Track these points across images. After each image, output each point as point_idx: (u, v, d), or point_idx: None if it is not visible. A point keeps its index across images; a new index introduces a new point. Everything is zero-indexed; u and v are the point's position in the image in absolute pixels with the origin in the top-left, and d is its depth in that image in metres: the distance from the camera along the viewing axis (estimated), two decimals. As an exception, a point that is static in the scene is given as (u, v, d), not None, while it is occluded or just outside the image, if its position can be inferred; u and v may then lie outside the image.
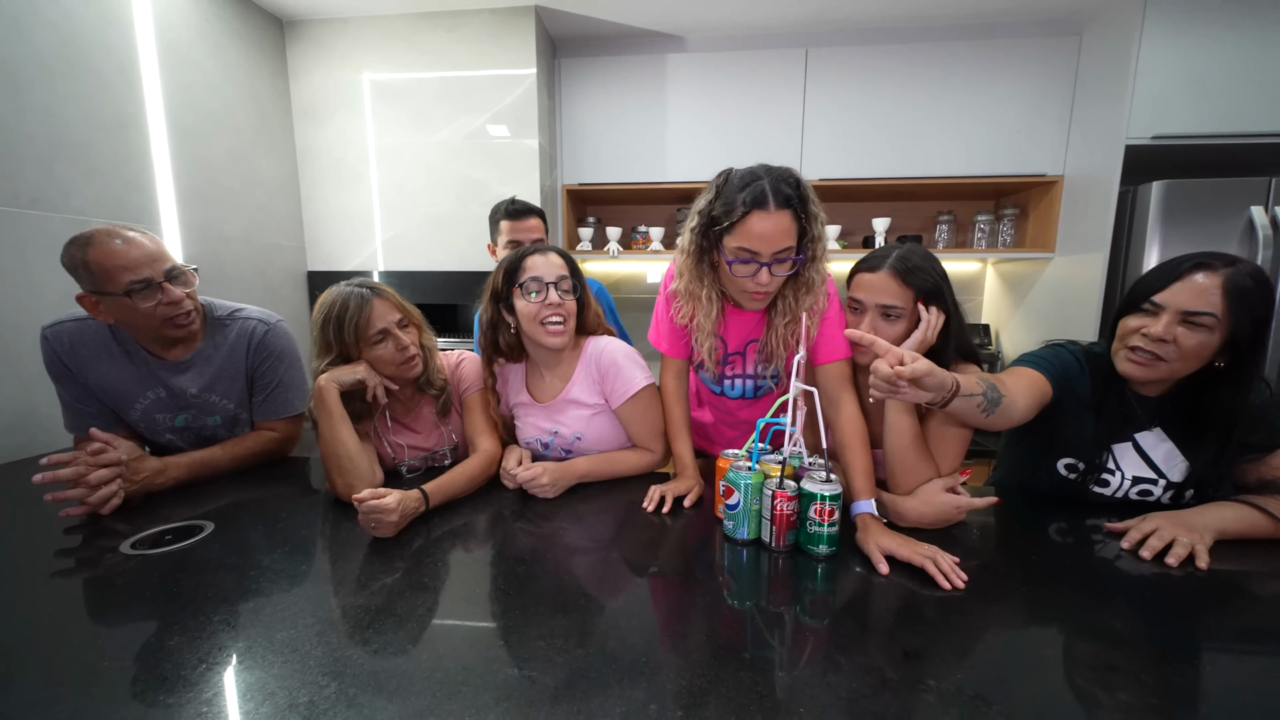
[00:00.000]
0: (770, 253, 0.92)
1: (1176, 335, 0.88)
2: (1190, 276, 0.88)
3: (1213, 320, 0.86)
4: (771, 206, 0.90)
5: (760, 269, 0.94)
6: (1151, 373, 0.92)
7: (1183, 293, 0.88)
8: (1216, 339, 0.87)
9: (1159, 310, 0.90)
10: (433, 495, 0.98)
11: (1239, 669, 0.62)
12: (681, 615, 0.71)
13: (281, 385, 1.26)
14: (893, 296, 0.98)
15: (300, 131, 2.19)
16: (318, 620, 0.67)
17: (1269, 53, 1.88)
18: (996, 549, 0.91)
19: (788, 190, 0.91)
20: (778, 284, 0.98)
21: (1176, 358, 0.89)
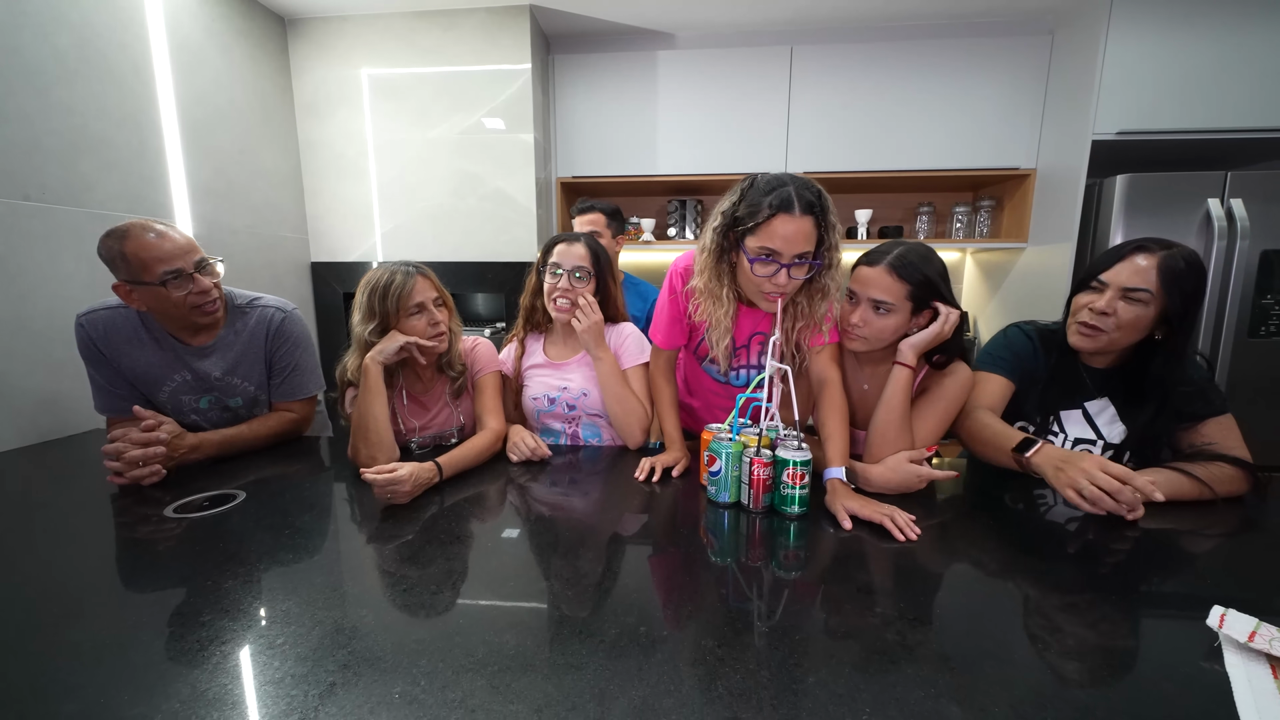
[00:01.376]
0: (791, 254, 0.97)
1: (1117, 309, 1.01)
2: (1131, 258, 1.02)
3: (1148, 295, 0.99)
4: (797, 211, 0.95)
5: (780, 270, 0.98)
6: (1094, 343, 1.05)
7: (1123, 272, 1.01)
8: (1152, 312, 1.00)
9: (1104, 287, 1.03)
10: (446, 467, 1.08)
11: (1144, 611, 0.74)
12: (670, 571, 0.81)
13: (298, 369, 1.35)
14: (884, 291, 1.04)
15: (303, 126, 2.26)
16: (349, 568, 0.77)
17: (1226, 54, 1.99)
18: (954, 511, 1.01)
19: (811, 197, 0.97)
20: (794, 286, 1.03)
21: (1115, 328, 1.03)
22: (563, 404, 1.36)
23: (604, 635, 0.62)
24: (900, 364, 1.06)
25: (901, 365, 1.06)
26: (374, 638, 0.62)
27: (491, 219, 2.27)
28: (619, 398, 1.27)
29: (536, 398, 1.37)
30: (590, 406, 1.35)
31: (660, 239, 2.64)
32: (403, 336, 1.19)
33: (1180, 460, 1.05)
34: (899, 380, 1.06)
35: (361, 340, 1.20)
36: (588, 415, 1.37)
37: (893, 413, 1.05)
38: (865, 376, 1.19)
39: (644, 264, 2.83)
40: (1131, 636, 0.64)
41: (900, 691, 0.54)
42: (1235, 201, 1.94)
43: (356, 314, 1.21)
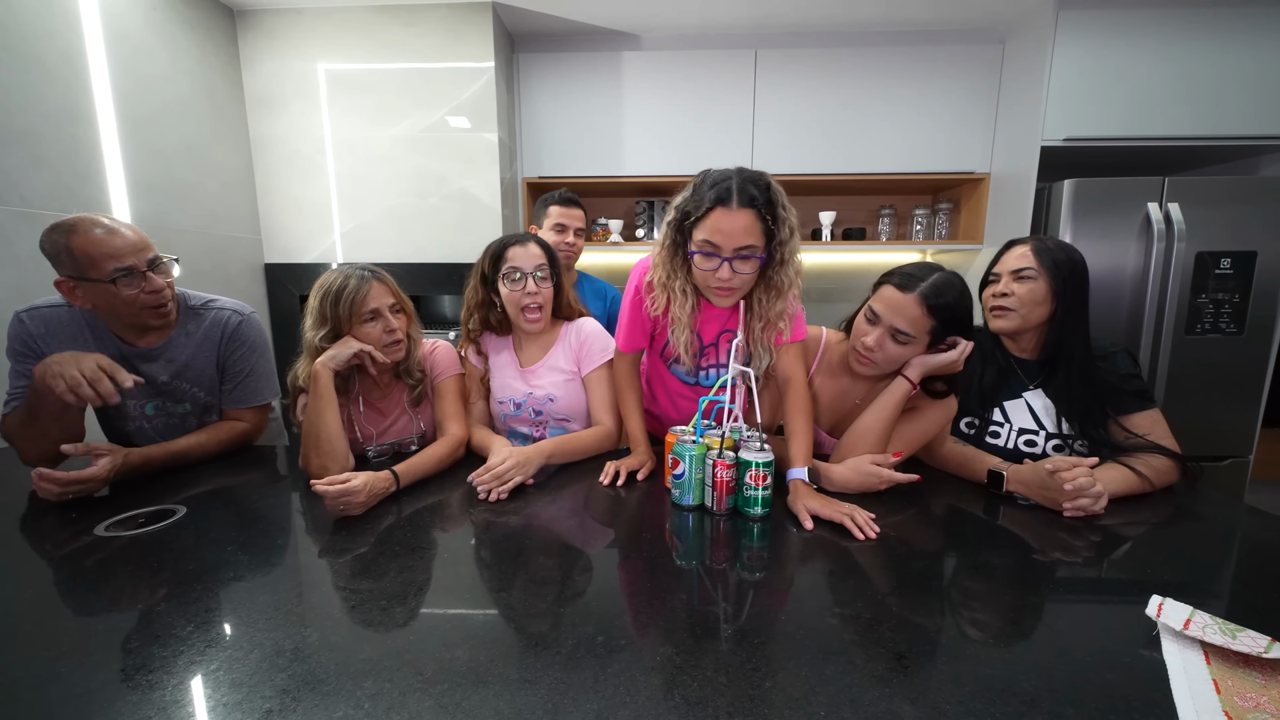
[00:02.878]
0: (731, 248, 0.95)
1: (1013, 289, 1.14)
2: (1010, 249, 1.19)
3: (1034, 271, 1.13)
4: (734, 204, 0.93)
5: (722, 264, 0.97)
6: (1008, 321, 1.16)
7: (1009, 260, 1.18)
8: (1043, 286, 1.12)
9: (998, 278, 1.19)
10: (403, 475, 1.05)
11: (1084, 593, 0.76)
12: (632, 577, 0.80)
13: (252, 375, 1.29)
14: (909, 323, 1.01)
15: (254, 122, 2.17)
16: (295, 584, 0.74)
17: (1164, 65, 2.09)
18: (913, 509, 1.03)
19: (754, 191, 0.94)
20: (742, 281, 1.00)
21: (1019, 305, 1.14)
22: (529, 409, 1.33)
23: (561, 646, 0.61)
24: (905, 377, 1.07)
25: (906, 379, 1.07)
26: (317, 659, 0.59)
27: (455, 219, 2.22)
28: (578, 452, 1.24)
29: (502, 402, 1.35)
30: (557, 411, 1.33)
31: (628, 240, 2.63)
32: (356, 343, 1.15)
33: (1120, 451, 1.10)
34: (897, 392, 1.07)
35: (313, 347, 1.15)
36: (555, 420, 1.35)
37: (879, 421, 1.07)
38: (860, 392, 1.20)
39: (611, 265, 2.82)
40: (1076, 628, 0.66)
41: (855, 693, 0.54)
42: (1172, 205, 2.04)
43: (308, 319, 1.17)
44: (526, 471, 1.09)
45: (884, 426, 1.07)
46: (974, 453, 1.14)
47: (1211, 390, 2.16)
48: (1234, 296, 2.09)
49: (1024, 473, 1.02)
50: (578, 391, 1.33)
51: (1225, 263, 2.07)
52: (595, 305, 1.80)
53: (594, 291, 1.84)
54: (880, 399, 1.08)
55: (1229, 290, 2.09)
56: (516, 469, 1.07)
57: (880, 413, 1.07)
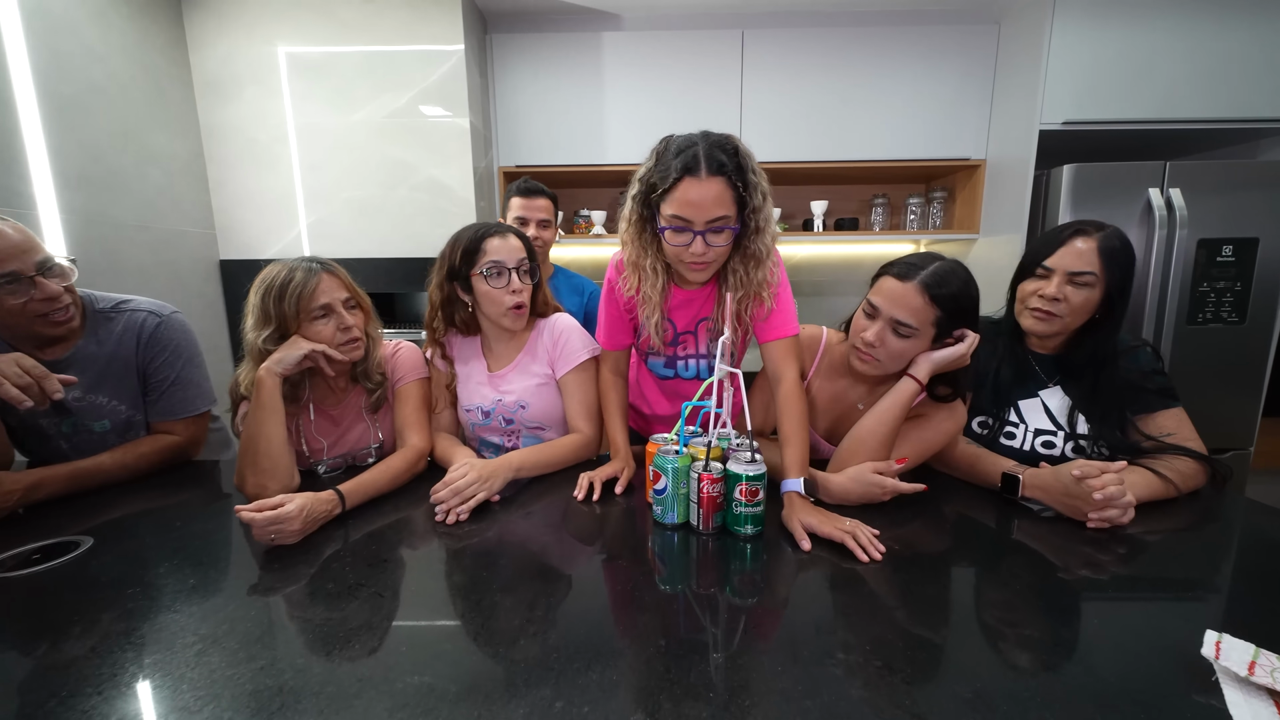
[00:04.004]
0: (703, 221, 0.90)
1: (1066, 294, 1.00)
2: (1071, 242, 1.01)
3: (1092, 278, 0.99)
4: (703, 173, 0.87)
5: (694, 238, 0.91)
6: (1049, 326, 1.04)
7: (1066, 256, 1.01)
8: (1097, 294, 1.01)
9: (1050, 273, 1.02)
10: (350, 495, 0.93)
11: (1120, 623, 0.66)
12: (611, 605, 0.70)
13: (179, 382, 1.16)
14: (910, 314, 0.93)
15: (205, 108, 2.01)
16: (199, 639, 0.62)
17: (1167, 45, 2.01)
18: (920, 522, 0.93)
19: (722, 157, 0.88)
20: (716, 255, 0.95)
21: (1068, 313, 1.02)
22: (499, 417, 1.21)
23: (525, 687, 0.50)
24: (912, 377, 0.97)
25: (912, 379, 0.96)
26: None
27: (426, 211, 2.09)
28: (552, 463, 1.12)
29: (469, 409, 1.23)
30: (530, 419, 1.21)
31: (611, 233, 2.51)
32: (307, 343, 1.03)
33: (1141, 454, 1.02)
34: (902, 394, 0.97)
35: (255, 349, 1.03)
36: (528, 429, 1.23)
37: (882, 425, 0.97)
38: (861, 394, 1.10)
39: (594, 259, 2.70)
40: (1116, 668, 0.56)
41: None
42: (1174, 191, 1.97)
43: (249, 318, 1.04)
44: (491, 487, 0.98)
45: (888, 431, 0.97)
46: (984, 454, 1.04)
47: (1213, 381, 2.09)
48: (1235, 285, 2.02)
49: (1043, 478, 0.93)
50: (552, 396, 1.22)
51: (1227, 250, 2.00)
52: (571, 301, 1.68)
53: (570, 287, 1.72)
54: (884, 401, 0.97)
55: (1231, 278, 2.02)
56: (479, 484, 0.96)
57: (884, 416, 0.97)
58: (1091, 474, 0.86)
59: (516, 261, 1.12)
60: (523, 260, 1.13)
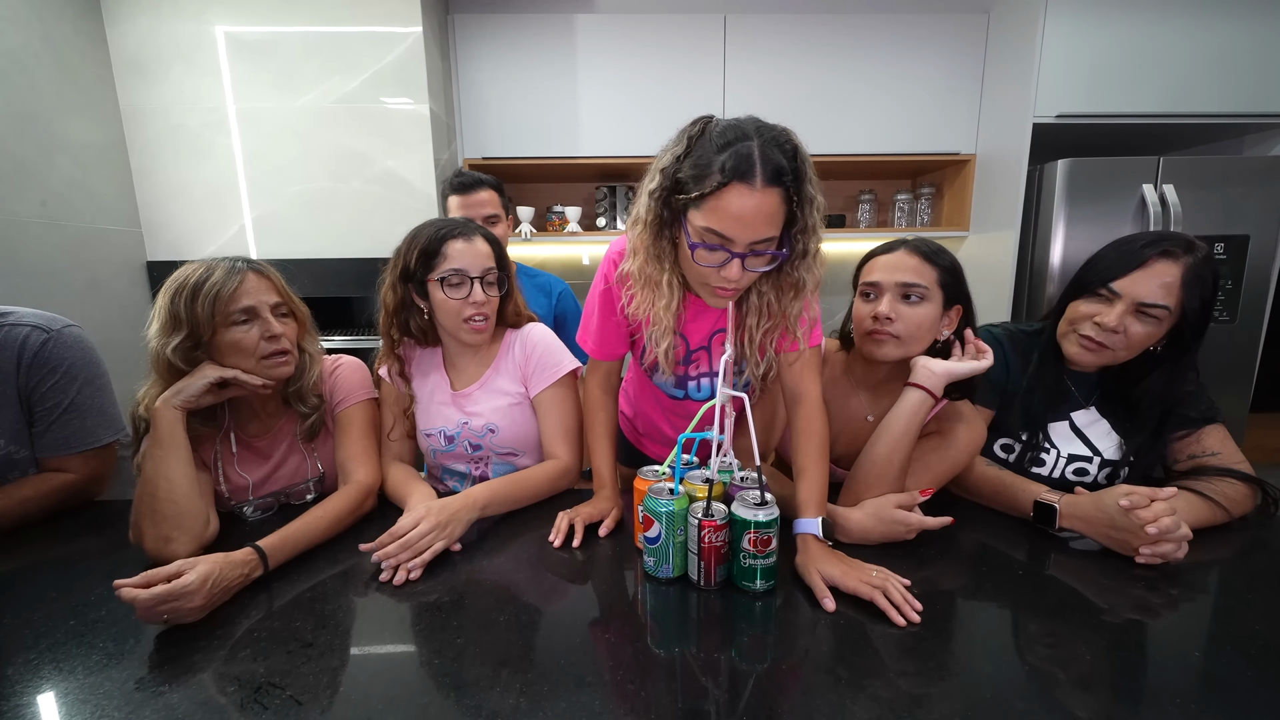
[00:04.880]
0: (747, 241, 0.69)
1: (1128, 325, 0.87)
2: (1152, 265, 0.85)
3: (1165, 313, 0.85)
4: (759, 181, 0.66)
5: (731, 260, 0.71)
6: (1097, 359, 0.91)
7: (1141, 283, 0.85)
8: (1164, 330, 0.87)
9: (1114, 298, 0.88)
10: (274, 553, 0.76)
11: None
12: (597, 680, 0.55)
13: (73, 410, 0.96)
14: (914, 274, 0.87)
15: (124, 89, 1.78)
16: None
17: (1161, 37, 1.95)
18: (946, 560, 0.81)
19: (781, 160, 0.67)
20: (750, 280, 0.76)
21: (1123, 347, 0.88)
22: (464, 442, 1.05)
23: None
24: (918, 386, 0.84)
25: (918, 388, 0.84)
26: None
27: (384, 206, 1.90)
28: (525, 497, 0.97)
29: (430, 434, 1.06)
30: (500, 444, 1.05)
31: (588, 230, 2.36)
32: (214, 369, 0.85)
33: (1180, 477, 0.93)
34: (911, 408, 0.84)
35: (161, 358, 0.85)
36: (498, 455, 1.07)
37: (897, 449, 0.84)
38: (869, 406, 0.97)
39: (568, 259, 2.55)
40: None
41: None
42: (1167, 187, 1.92)
43: (154, 321, 0.86)
44: (451, 535, 0.82)
45: (903, 456, 0.84)
46: (1011, 479, 0.92)
47: (1204, 381, 2.05)
48: (1227, 283, 1.99)
49: (1084, 507, 0.82)
50: (526, 418, 1.06)
51: (1219, 247, 1.96)
52: (538, 304, 1.52)
53: (535, 287, 1.55)
54: (891, 417, 0.85)
55: (1223, 276, 1.97)
56: (436, 532, 0.80)
57: (896, 439, 0.84)
58: (1140, 504, 0.75)
59: (482, 270, 0.97)
60: (489, 269, 0.98)
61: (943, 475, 0.91)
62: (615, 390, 1.04)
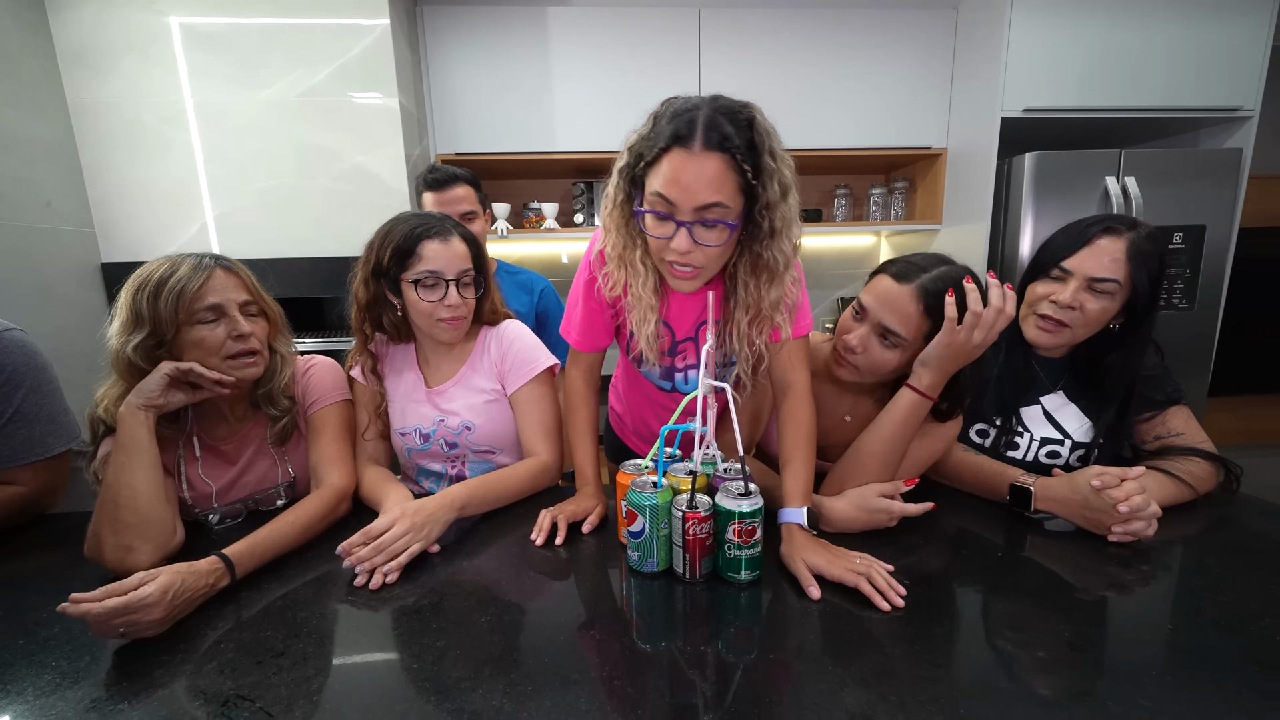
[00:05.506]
0: (690, 207, 0.68)
1: (1083, 301, 0.89)
2: (1096, 242, 0.89)
3: (1115, 286, 0.89)
4: (698, 145, 0.66)
5: (677, 230, 0.70)
6: (1056, 338, 0.93)
7: (1089, 260, 0.89)
8: (1117, 305, 0.90)
9: (1067, 276, 0.90)
10: (241, 560, 0.72)
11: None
12: (583, 678, 0.54)
13: (19, 419, 0.91)
14: (901, 322, 0.81)
15: (71, 82, 1.70)
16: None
17: (1120, 34, 2.00)
18: (930, 546, 0.82)
19: (729, 129, 0.66)
20: (707, 258, 0.73)
21: (1081, 324, 0.91)
22: (440, 440, 1.03)
23: None
24: (915, 389, 0.81)
25: (916, 391, 0.81)
26: None
27: (353, 203, 1.85)
28: (503, 496, 0.95)
29: (405, 432, 1.04)
30: (477, 441, 1.03)
31: (565, 226, 2.33)
32: (170, 364, 0.81)
33: (1147, 456, 0.97)
34: (906, 409, 0.82)
35: (122, 357, 0.81)
36: (475, 453, 1.05)
37: (889, 447, 0.84)
38: (848, 405, 0.97)
39: (546, 256, 2.52)
40: None
41: None
42: (1129, 179, 1.97)
43: (115, 319, 0.82)
44: (429, 536, 0.80)
45: (893, 451, 0.84)
46: (988, 463, 0.94)
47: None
48: (1185, 271, 2.05)
49: (1058, 489, 0.83)
50: (503, 415, 1.04)
51: (1178, 237, 2.03)
52: (519, 301, 1.50)
53: (516, 285, 1.53)
54: (886, 416, 0.84)
55: (1181, 265, 2.05)
56: (412, 534, 0.78)
57: (889, 437, 0.84)
58: (1111, 484, 0.78)
59: (457, 272, 0.94)
60: (465, 271, 0.95)
61: (922, 464, 0.92)
62: (597, 385, 1.03)
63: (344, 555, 0.75)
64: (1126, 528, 0.77)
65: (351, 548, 0.74)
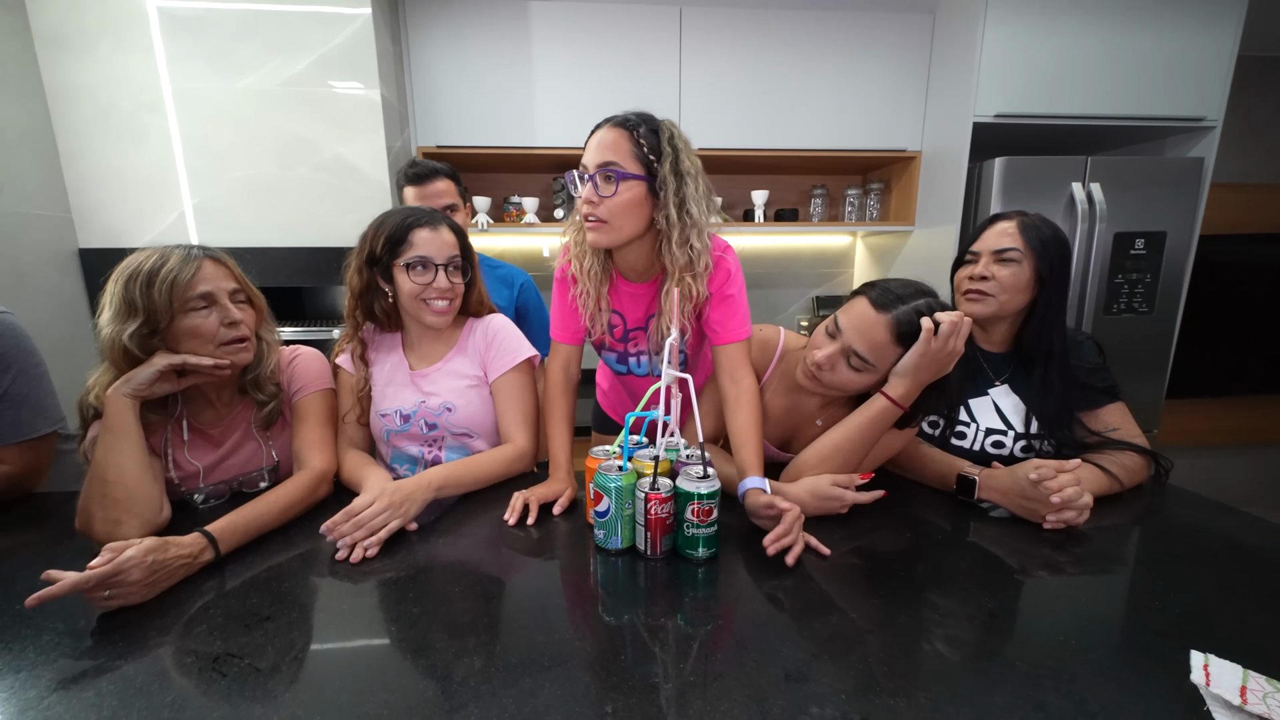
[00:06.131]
0: (593, 163, 0.89)
1: (994, 272, 1.01)
2: (993, 225, 1.05)
3: (1018, 254, 1.00)
4: (609, 125, 0.89)
5: (586, 183, 0.89)
6: (984, 307, 1.04)
7: (990, 238, 1.04)
8: (1027, 271, 1.00)
9: (977, 257, 1.05)
10: (224, 537, 0.76)
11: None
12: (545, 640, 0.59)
13: (7, 400, 0.93)
14: (871, 349, 0.86)
15: (48, 65, 1.68)
16: None
17: (1090, 43, 2.07)
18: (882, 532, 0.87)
19: (635, 118, 0.90)
20: (610, 211, 0.89)
21: (999, 291, 1.02)
22: (420, 422, 1.07)
23: None
24: (888, 397, 0.87)
25: (888, 399, 0.87)
26: None
27: (333, 194, 1.86)
28: (479, 479, 1.00)
29: (386, 414, 1.07)
30: (456, 423, 1.07)
31: (545, 221, 2.36)
32: (164, 356, 0.84)
33: (1086, 449, 1.03)
34: (876, 414, 0.88)
35: (118, 345, 0.83)
36: (453, 435, 1.09)
37: (850, 441, 0.90)
38: (816, 408, 1.03)
39: (527, 250, 2.54)
40: (1099, 691, 0.52)
41: None
42: (1094, 185, 2.05)
43: (106, 309, 0.85)
44: (407, 514, 0.84)
45: (856, 450, 0.91)
46: (938, 455, 1.01)
47: (1124, 368, 2.19)
48: (1146, 276, 2.14)
49: (999, 479, 0.90)
50: (483, 400, 1.09)
51: (1139, 243, 2.11)
52: (500, 295, 1.53)
53: (497, 279, 1.56)
54: (856, 418, 0.90)
55: (1142, 270, 2.13)
56: (390, 511, 0.82)
57: (855, 437, 0.90)
58: (1048, 476, 0.84)
59: (446, 258, 1.00)
60: (454, 257, 1.02)
61: (879, 459, 0.98)
62: (576, 379, 1.09)
63: (327, 533, 0.78)
64: (1060, 516, 0.84)
65: (334, 525, 0.78)
